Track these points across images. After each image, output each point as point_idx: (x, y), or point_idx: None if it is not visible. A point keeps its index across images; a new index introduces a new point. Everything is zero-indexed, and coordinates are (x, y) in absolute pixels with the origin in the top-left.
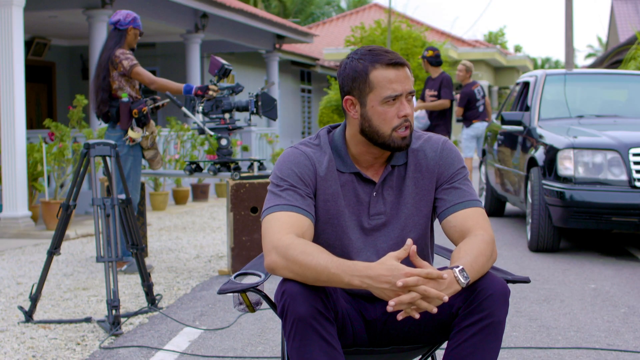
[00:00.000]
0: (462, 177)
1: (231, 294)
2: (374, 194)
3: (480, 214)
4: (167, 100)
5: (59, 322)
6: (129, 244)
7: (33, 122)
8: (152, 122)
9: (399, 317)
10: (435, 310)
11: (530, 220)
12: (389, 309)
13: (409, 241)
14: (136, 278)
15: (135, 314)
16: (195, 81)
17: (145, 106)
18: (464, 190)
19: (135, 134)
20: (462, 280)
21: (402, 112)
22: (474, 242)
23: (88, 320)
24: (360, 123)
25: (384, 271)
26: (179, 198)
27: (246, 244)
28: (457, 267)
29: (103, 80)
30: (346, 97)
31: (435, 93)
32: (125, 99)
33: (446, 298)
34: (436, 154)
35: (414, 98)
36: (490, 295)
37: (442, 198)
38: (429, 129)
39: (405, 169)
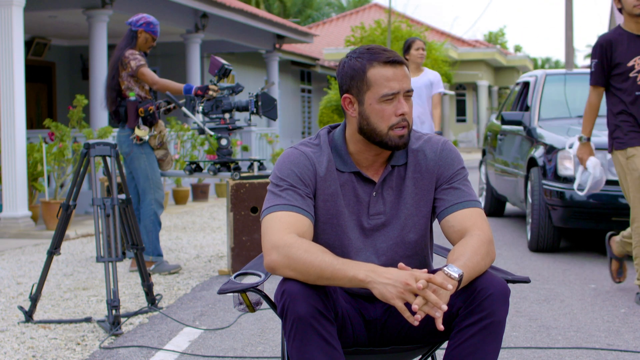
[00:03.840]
0: (462, 178)
1: (231, 294)
2: (374, 193)
3: (478, 214)
4: (177, 103)
5: (59, 322)
6: (129, 243)
7: (33, 122)
8: (160, 122)
9: (416, 321)
10: (445, 307)
11: (530, 220)
12: (415, 323)
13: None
14: (136, 278)
15: (135, 314)
16: (195, 81)
17: (151, 105)
18: (463, 191)
19: (141, 132)
20: (454, 274)
21: (400, 110)
22: (468, 241)
23: (88, 320)
24: (358, 121)
25: (389, 270)
26: (179, 198)
27: (246, 244)
28: (446, 265)
29: (112, 79)
30: (345, 95)
31: None
32: (132, 98)
33: (445, 307)
34: (436, 154)
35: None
36: (490, 294)
37: (441, 198)
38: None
39: (405, 169)
